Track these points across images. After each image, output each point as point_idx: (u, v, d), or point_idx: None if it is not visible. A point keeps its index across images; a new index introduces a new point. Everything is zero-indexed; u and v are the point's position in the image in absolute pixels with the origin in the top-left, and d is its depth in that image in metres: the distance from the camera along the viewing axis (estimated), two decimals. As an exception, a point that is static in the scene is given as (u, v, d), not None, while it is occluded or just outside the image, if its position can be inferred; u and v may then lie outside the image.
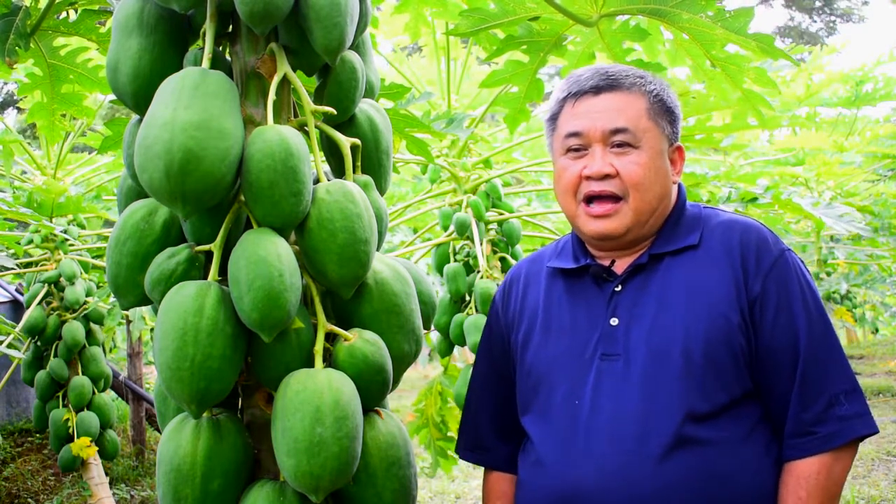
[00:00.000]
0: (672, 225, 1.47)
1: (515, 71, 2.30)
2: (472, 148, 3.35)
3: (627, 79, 1.45)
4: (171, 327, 1.26)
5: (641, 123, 1.42)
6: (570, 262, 1.53)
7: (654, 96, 1.45)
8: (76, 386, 3.98)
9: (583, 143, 1.44)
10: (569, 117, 1.46)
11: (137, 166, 1.28)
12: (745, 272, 1.39)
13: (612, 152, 1.42)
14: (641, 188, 1.42)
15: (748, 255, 1.40)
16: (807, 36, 22.30)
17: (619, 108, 1.43)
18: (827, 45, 6.12)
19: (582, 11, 2.04)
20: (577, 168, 1.44)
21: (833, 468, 1.34)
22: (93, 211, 4.15)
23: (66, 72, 2.41)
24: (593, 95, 1.44)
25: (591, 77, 1.45)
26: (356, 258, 1.35)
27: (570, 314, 1.49)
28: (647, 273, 1.45)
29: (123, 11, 1.43)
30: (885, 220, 6.09)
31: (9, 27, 1.96)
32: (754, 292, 1.38)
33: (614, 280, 1.47)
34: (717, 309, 1.37)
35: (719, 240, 1.43)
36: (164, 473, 1.34)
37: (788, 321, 1.37)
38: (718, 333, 1.36)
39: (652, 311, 1.41)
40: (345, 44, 1.38)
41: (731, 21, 1.92)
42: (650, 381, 1.37)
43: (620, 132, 1.42)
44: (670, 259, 1.44)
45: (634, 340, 1.40)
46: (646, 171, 1.42)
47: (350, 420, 1.29)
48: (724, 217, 1.48)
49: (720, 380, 1.35)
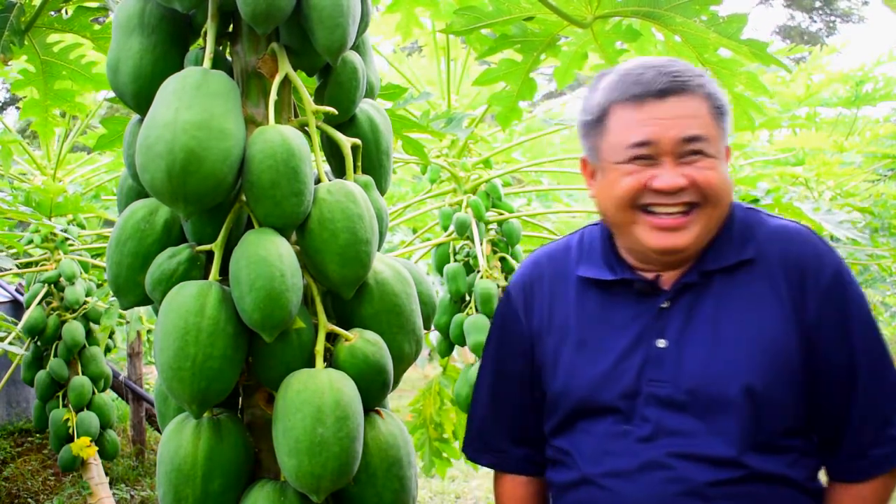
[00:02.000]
0: (724, 235, 1.36)
1: (509, 70, 2.30)
2: (472, 148, 3.35)
3: (692, 80, 1.31)
4: (172, 327, 1.26)
5: (710, 129, 1.31)
6: (604, 273, 1.41)
7: (715, 97, 1.33)
8: (76, 386, 3.97)
9: (651, 153, 1.30)
10: (631, 123, 1.31)
11: (139, 166, 1.28)
12: (803, 292, 1.31)
13: (682, 161, 1.30)
14: (715, 198, 1.31)
15: (807, 272, 1.32)
16: (807, 36, 22.30)
17: (689, 114, 1.29)
18: (827, 45, 6.12)
19: (577, 13, 2.05)
20: (643, 178, 1.30)
21: (889, 487, 1.32)
22: (91, 210, 4.15)
23: (59, 68, 2.42)
24: (658, 99, 1.29)
25: (654, 78, 1.30)
26: (357, 258, 1.35)
27: (608, 331, 1.38)
28: (698, 291, 1.34)
29: (124, 11, 1.43)
30: (884, 220, 6.09)
31: (3, 24, 1.96)
32: (813, 315, 1.31)
33: (660, 296, 1.36)
34: (776, 333, 1.30)
35: (776, 253, 1.34)
36: (165, 473, 1.34)
37: (845, 342, 1.31)
38: (779, 362, 1.29)
39: (705, 336, 1.31)
40: (346, 44, 1.38)
41: (724, 26, 1.92)
42: (707, 414, 1.29)
43: (694, 140, 1.29)
44: (724, 276, 1.34)
45: (687, 368, 1.31)
46: (720, 179, 1.31)
47: (351, 420, 1.29)
48: (776, 224, 1.38)
49: (780, 410, 1.30)
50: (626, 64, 1.37)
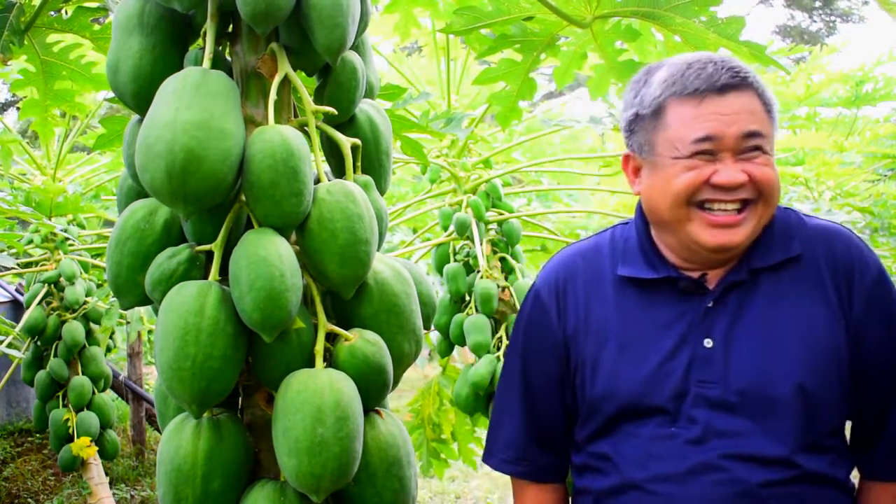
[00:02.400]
0: (768, 233, 1.36)
1: (509, 69, 2.31)
2: (472, 148, 3.35)
3: (749, 76, 1.30)
4: (171, 327, 1.27)
5: (765, 126, 1.31)
6: (646, 271, 1.39)
7: (764, 94, 1.33)
8: (76, 386, 3.97)
9: (713, 148, 1.29)
10: (692, 118, 1.29)
11: (138, 166, 1.28)
12: (849, 292, 1.32)
13: (742, 158, 1.29)
14: (770, 195, 1.31)
15: (851, 271, 1.33)
16: (807, 35, 22.30)
17: (749, 109, 1.29)
18: (827, 44, 6.12)
19: (576, 13, 2.05)
20: (704, 173, 1.29)
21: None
22: (91, 210, 4.15)
23: (59, 68, 2.42)
24: (719, 94, 1.28)
25: (715, 72, 1.29)
26: (357, 258, 1.35)
27: (652, 332, 1.37)
28: (745, 289, 1.34)
29: (124, 11, 1.43)
30: (884, 220, 6.09)
31: (3, 24, 1.96)
32: (858, 312, 1.32)
33: (707, 296, 1.35)
34: (825, 332, 1.30)
35: (820, 252, 1.34)
36: (165, 473, 1.34)
37: (890, 341, 1.33)
38: (829, 361, 1.30)
39: (755, 336, 1.31)
40: (346, 44, 1.38)
41: (723, 27, 1.93)
42: (758, 415, 1.29)
43: (754, 136, 1.29)
44: (771, 274, 1.34)
45: (736, 368, 1.30)
46: (776, 177, 1.31)
47: (351, 420, 1.29)
48: (816, 223, 1.39)
49: (829, 409, 1.31)
50: (681, 57, 1.35)
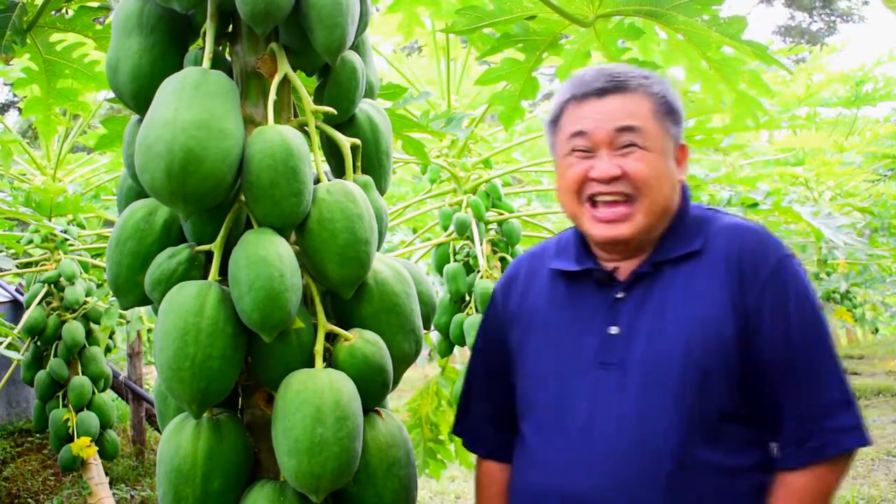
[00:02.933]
0: (675, 229, 1.45)
1: (511, 69, 2.30)
2: (472, 148, 3.35)
3: (632, 80, 1.42)
4: (171, 327, 1.26)
5: (647, 124, 1.40)
6: (571, 264, 1.50)
7: (660, 97, 1.43)
8: (76, 386, 3.98)
9: (588, 145, 1.41)
10: (573, 118, 1.43)
11: (138, 166, 1.28)
12: (742, 281, 1.37)
13: (618, 153, 1.39)
14: (650, 188, 1.39)
15: (746, 263, 1.38)
16: (807, 35, 22.30)
17: (625, 109, 1.40)
18: (827, 44, 6.12)
19: (578, 12, 2.04)
20: (582, 168, 1.41)
21: (826, 478, 1.35)
22: (91, 210, 4.15)
23: (61, 67, 2.42)
24: (598, 97, 1.41)
25: (595, 79, 1.42)
26: (357, 258, 1.35)
27: (571, 318, 1.47)
28: (649, 281, 1.43)
29: (123, 11, 1.43)
30: (884, 220, 6.09)
31: (5, 23, 1.97)
32: (751, 302, 1.36)
33: (617, 287, 1.44)
34: (715, 320, 1.36)
35: (721, 246, 1.41)
36: (165, 473, 1.34)
37: (783, 331, 1.36)
38: (715, 345, 1.35)
39: (651, 322, 1.39)
40: (346, 44, 1.38)
41: (725, 27, 1.93)
42: (646, 394, 1.35)
43: (627, 131, 1.39)
44: (672, 267, 1.42)
45: (633, 351, 1.38)
46: (653, 171, 1.39)
47: (351, 420, 1.29)
48: (727, 221, 1.46)
49: (716, 392, 1.34)
50: (582, 69, 1.51)
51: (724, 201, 3.30)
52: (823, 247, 7.09)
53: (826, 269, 7.32)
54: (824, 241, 6.49)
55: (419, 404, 3.45)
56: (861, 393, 8.48)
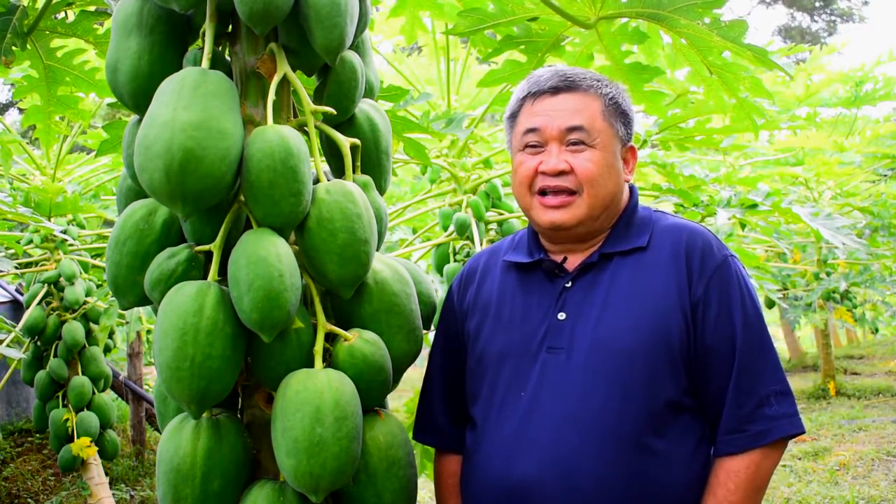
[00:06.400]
0: (623, 225, 1.53)
1: (513, 71, 2.30)
2: (472, 148, 3.35)
3: (584, 81, 1.51)
4: (170, 327, 1.26)
5: (596, 123, 1.48)
6: (524, 257, 1.59)
7: (610, 99, 1.51)
8: (76, 386, 3.98)
9: (540, 140, 1.50)
10: (527, 115, 1.52)
11: (137, 166, 1.28)
12: (689, 275, 1.45)
13: (567, 150, 1.48)
14: (595, 184, 1.47)
15: (693, 259, 1.46)
16: (807, 35, 22.30)
17: (575, 107, 1.49)
18: (827, 44, 6.12)
19: (580, 13, 2.04)
20: (534, 163, 1.50)
21: (761, 464, 1.41)
22: (91, 210, 4.15)
23: (62, 73, 2.41)
24: (551, 95, 1.51)
25: (549, 78, 1.52)
26: (356, 258, 1.35)
27: (522, 307, 1.54)
28: (596, 271, 1.51)
29: (123, 11, 1.43)
30: (884, 220, 6.09)
31: (5, 26, 1.96)
32: (697, 295, 1.44)
33: (565, 276, 1.52)
34: (659, 309, 1.43)
35: (667, 243, 1.49)
36: (164, 473, 1.34)
37: (726, 323, 1.43)
38: (660, 333, 1.41)
39: (598, 309, 1.46)
40: (345, 44, 1.38)
41: (726, 30, 1.93)
42: (590, 377, 1.41)
43: (576, 130, 1.48)
44: (619, 259, 1.50)
45: (579, 336, 1.45)
46: (599, 168, 1.47)
47: (350, 420, 1.29)
48: (673, 221, 1.54)
49: (659, 378, 1.40)
50: (539, 69, 1.60)
51: (724, 201, 3.30)
52: (823, 247, 7.09)
53: (826, 268, 7.33)
54: (824, 241, 6.49)
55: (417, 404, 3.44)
56: (861, 393, 8.46)
